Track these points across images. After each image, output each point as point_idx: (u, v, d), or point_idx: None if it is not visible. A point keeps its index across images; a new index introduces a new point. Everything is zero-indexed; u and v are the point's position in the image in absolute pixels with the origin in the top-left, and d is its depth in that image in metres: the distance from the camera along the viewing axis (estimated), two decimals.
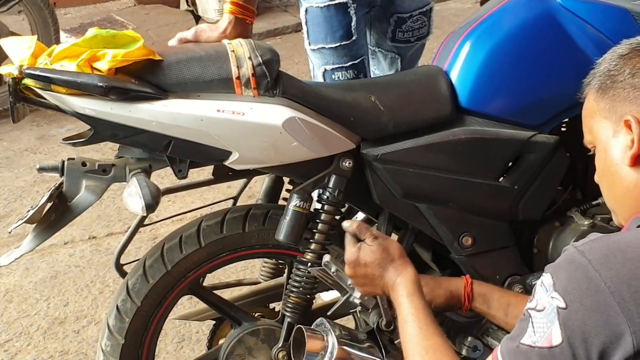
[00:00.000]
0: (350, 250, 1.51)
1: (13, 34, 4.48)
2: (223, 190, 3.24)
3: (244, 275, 2.94)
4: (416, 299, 1.39)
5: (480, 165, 1.67)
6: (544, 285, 1.08)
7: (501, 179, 1.71)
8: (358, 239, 1.52)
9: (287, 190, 1.90)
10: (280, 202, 1.99)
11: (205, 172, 1.87)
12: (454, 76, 1.71)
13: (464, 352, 1.63)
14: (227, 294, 2.00)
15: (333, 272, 1.59)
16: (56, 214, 1.61)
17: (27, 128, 4.67)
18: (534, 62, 1.69)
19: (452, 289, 1.59)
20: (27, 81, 1.47)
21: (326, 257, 1.62)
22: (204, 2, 6.29)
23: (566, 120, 1.77)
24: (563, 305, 1.03)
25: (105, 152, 3.82)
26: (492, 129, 1.67)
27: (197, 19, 6.42)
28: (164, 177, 2.88)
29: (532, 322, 1.08)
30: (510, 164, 1.71)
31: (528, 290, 1.72)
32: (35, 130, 4.64)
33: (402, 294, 1.41)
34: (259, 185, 2.15)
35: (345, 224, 1.55)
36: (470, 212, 1.70)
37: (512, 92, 1.71)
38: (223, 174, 1.86)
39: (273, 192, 2.01)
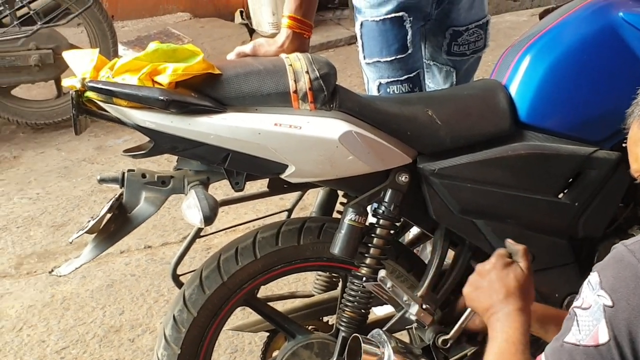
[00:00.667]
0: (504, 259, 1.48)
1: (73, 46, 4.59)
2: (275, 202, 3.25)
3: (295, 287, 2.94)
4: (523, 337, 1.35)
5: (540, 181, 1.65)
6: (591, 283, 1.07)
7: (561, 195, 1.68)
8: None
9: (342, 204, 1.90)
10: (335, 215, 1.99)
11: (258, 185, 1.89)
12: (513, 90, 1.69)
13: None
14: (280, 306, 2.01)
15: (389, 288, 1.59)
16: (116, 224, 1.64)
17: (85, 139, 4.76)
18: (595, 76, 1.67)
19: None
20: (90, 94, 1.51)
21: (382, 272, 1.61)
22: (258, 16, 6.36)
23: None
24: (610, 303, 1.02)
25: (161, 163, 3.88)
26: (552, 144, 1.64)
27: (252, 32, 6.49)
28: (217, 188, 2.91)
29: (577, 321, 1.07)
30: (571, 180, 1.68)
31: None
32: (93, 141, 4.74)
33: (512, 326, 1.36)
34: (312, 198, 2.15)
35: (510, 241, 1.53)
36: (529, 229, 1.67)
37: (572, 107, 1.68)
38: (278, 187, 1.87)
39: (327, 205, 2.01)
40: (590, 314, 1.05)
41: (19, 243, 3.61)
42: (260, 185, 1.89)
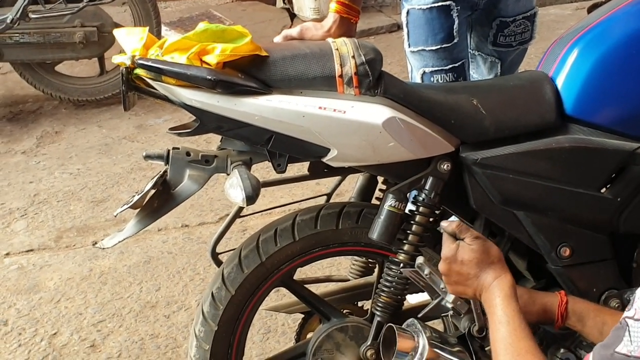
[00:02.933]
0: (449, 246, 1.51)
1: (117, 25, 4.65)
2: (312, 188, 3.28)
3: (329, 272, 2.96)
4: (512, 303, 1.38)
5: (583, 175, 1.63)
6: None
7: (604, 190, 1.67)
8: (456, 239, 1.52)
9: (381, 190, 1.91)
10: (373, 201, 1.99)
11: (294, 169, 1.90)
12: (560, 82, 1.67)
13: None
14: (315, 290, 2.02)
15: (426, 275, 1.59)
16: (159, 201, 1.66)
17: (126, 117, 4.83)
18: None
19: (546, 305, 1.56)
20: (139, 71, 1.53)
21: (419, 259, 1.61)
22: (300, 0, 6.36)
23: None
24: None
25: (200, 144, 3.92)
26: (597, 138, 1.63)
27: (293, 17, 6.50)
28: (254, 170, 2.94)
29: (629, 331, 1.06)
30: (614, 175, 1.67)
31: (625, 306, 1.67)
32: (134, 120, 4.80)
33: (498, 296, 1.40)
34: (348, 186, 2.16)
35: (444, 224, 1.55)
36: (570, 222, 1.66)
37: (619, 102, 1.66)
38: (319, 171, 1.88)
39: (367, 190, 2.01)
40: None
41: (59, 217, 3.68)
42: (297, 169, 1.90)
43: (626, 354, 1.05)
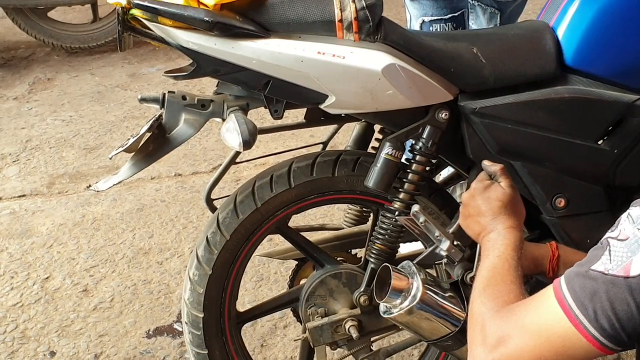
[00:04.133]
0: (482, 181, 1.49)
1: None
2: (306, 140, 3.27)
3: (323, 222, 2.97)
4: (515, 253, 1.36)
5: (581, 126, 1.63)
6: (631, 216, 1.07)
7: (601, 141, 1.66)
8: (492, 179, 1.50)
9: (377, 139, 1.90)
10: (370, 150, 1.99)
11: (291, 116, 1.88)
12: (560, 33, 1.66)
13: None
14: (309, 238, 2.03)
15: (421, 223, 1.59)
16: (154, 144, 1.65)
17: (119, 65, 4.79)
18: None
19: (537, 256, 1.56)
20: (135, 11, 1.51)
21: (415, 207, 1.61)
22: None
23: None
24: None
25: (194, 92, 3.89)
26: (596, 89, 1.62)
27: None
28: (249, 117, 2.92)
29: (609, 250, 1.07)
30: (612, 127, 1.66)
31: None
32: (127, 68, 4.76)
33: (503, 243, 1.37)
34: (343, 137, 2.15)
35: (487, 162, 1.54)
36: (566, 174, 1.66)
37: (620, 53, 1.65)
38: (315, 118, 1.87)
39: (363, 139, 2.01)
40: (626, 246, 1.05)
41: (52, 163, 3.67)
42: (293, 117, 1.88)
43: (602, 271, 1.05)
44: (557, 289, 1.12)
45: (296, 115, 1.86)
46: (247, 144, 1.52)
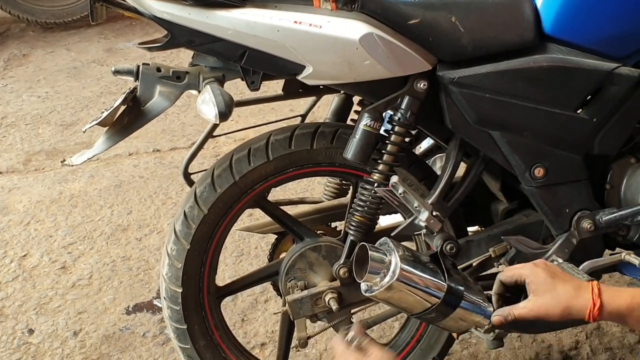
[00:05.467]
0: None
1: None
2: (286, 114, 3.24)
3: (303, 196, 2.95)
4: None
5: (560, 94, 1.62)
6: None
7: (579, 110, 1.66)
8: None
9: (356, 112, 1.88)
10: (349, 122, 1.97)
11: (270, 90, 1.86)
12: (539, 1, 1.64)
13: None
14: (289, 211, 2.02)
15: (400, 194, 1.58)
16: (129, 117, 1.62)
17: (95, 40, 4.72)
18: None
19: (573, 308, 1.29)
20: None
21: (394, 178, 1.60)
22: None
23: None
24: None
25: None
26: (575, 58, 1.60)
27: None
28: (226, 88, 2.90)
29: None
30: (590, 96, 1.66)
31: (597, 226, 1.68)
32: (103, 43, 4.70)
33: None
34: (322, 111, 2.13)
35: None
36: (545, 143, 1.65)
37: (598, 21, 1.63)
38: (293, 90, 1.86)
39: (342, 111, 1.99)
40: None
41: (28, 140, 3.62)
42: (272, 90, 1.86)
43: None
44: None
45: (275, 88, 1.83)
46: (223, 115, 1.50)
